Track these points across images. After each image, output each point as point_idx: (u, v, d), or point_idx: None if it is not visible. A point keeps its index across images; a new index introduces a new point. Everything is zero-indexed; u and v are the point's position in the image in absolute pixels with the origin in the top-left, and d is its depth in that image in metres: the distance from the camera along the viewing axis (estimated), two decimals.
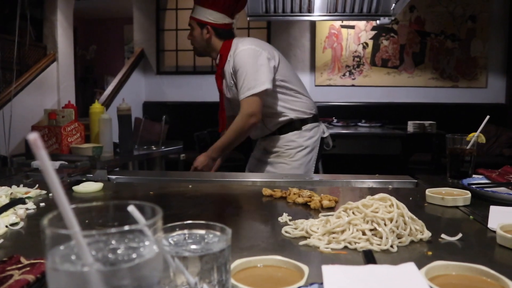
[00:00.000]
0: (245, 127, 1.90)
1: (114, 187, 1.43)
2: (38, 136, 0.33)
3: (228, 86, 2.01)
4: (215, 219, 1.06)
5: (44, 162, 0.34)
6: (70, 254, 0.35)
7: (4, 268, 0.57)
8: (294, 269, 0.64)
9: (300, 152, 2.02)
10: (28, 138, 0.33)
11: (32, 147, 0.33)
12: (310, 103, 2.11)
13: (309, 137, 2.04)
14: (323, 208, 1.11)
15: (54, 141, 2.05)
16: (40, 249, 0.84)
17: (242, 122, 1.89)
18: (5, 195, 1.10)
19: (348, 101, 5.01)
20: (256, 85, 1.87)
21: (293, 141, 2.01)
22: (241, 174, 1.61)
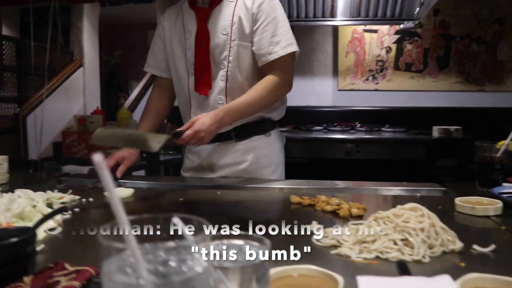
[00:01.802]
0: (278, 94, 1.53)
1: (144, 193, 1.45)
2: (102, 158, 0.35)
3: (227, 41, 1.52)
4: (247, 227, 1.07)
5: (107, 182, 0.36)
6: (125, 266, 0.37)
7: (51, 274, 0.60)
8: (328, 279, 0.65)
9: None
10: (94, 159, 0.35)
11: (97, 167, 0.35)
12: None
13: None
14: (352, 216, 1.11)
15: (84, 146, 2.11)
16: (78, 254, 0.87)
17: (276, 85, 1.49)
18: (42, 200, 1.13)
19: (372, 106, 4.97)
20: (294, 42, 1.54)
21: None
22: (267, 180, 1.61)
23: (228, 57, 1.53)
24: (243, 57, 1.54)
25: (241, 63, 1.54)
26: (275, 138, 1.68)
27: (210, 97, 1.56)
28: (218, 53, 1.54)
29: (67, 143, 2.24)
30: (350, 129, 4.41)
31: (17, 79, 4.74)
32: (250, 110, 1.49)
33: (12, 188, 1.50)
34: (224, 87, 1.55)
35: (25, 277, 0.59)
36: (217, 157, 1.63)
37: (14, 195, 1.10)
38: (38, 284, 0.58)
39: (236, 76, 1.55)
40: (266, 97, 1.49)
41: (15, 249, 0.60)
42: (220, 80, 1.55)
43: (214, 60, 1.55)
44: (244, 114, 1.50)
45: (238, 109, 1.45)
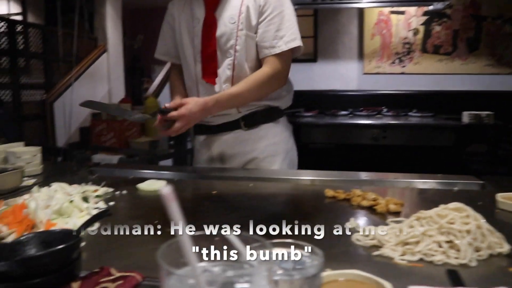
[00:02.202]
0: (269, 88, 1.53)
1: (177, 185, 1.45)
2: (171, 190, 0.34)
3: (234, 30, 1.53)
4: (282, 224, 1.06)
5: (176, 215, 0.35)
6: None
7: (97, 280, 0.60)
8: (376, 286, 0.64)
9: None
10: (162, 192, 0.34)
11: (165, 200, 0.34)
12: None
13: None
14: (390, 212, 1.09)
15: (112, 135, 2.13)
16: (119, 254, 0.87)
17: (269, 79, 1.50)
18: (78, 195, 1.14)
19: (398, 90, 4.87)
20: (298, 36, 1.53)
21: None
22: (296, 172, 1.59)
23: (235, 46, 1.54)
24: (250, 47, 1.55)
25: (248, 53, 1.55)
26: (283, 126, 1.69)
27: (216, 85, 1.58)
28: (224, 41, 1.54)
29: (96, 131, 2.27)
30: (376, 114, 4.34)
31: (43, 65, 4.79)
32: (239, 101, 1.52)
33: (45, 178, 1.53)
34: (231, 75, 1.57)
35: (73, 283, 0.59)
36: (227, 147, 1.65)
37: (51, 190, 1.12)
38: None
39: (243, 65, 1.56)
40: (256, 90, 1.51)
41: (62, 256, 0.60)
42: (227, 68, 1.57)
43: (221, 48, 1.56)
44: (232, 106, 1.53)
45: (226, 100, 1.48)
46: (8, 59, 4.35)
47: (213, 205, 1.22)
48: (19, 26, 4.56)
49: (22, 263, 0.58)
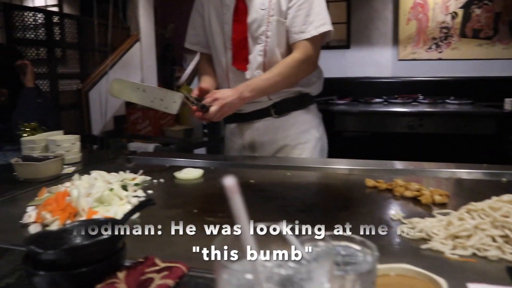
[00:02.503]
0: (301, 73, 1.53)
1: (214, 174, 1.44)
2: (235, 182, 0.32)
3: (265, 16, 1.51)
4: (324, 213, 1.04)
5: (238, 207, 0.33)
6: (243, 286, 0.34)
7: (143, 270, 0.59)
8: (430, 282, 0.60)
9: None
10: (225, 183, 0.32)
11: (228, 191, 0.32)
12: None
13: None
14: (435, 203, 1.05)
15: (148, 123, 2.14)
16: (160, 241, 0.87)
17: (300, 64, 1.50)
18: (117, 183, 1.15)
19: (435, 76, 4.72)
20: (328, 21, 1.52)
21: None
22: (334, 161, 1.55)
23: (266, 32, 1.53)
24: (280, 32, 1.54)
25: (279, 39, 1.55)
26: (314, 113, 1.68)
27: (247, 72, 1.57)
28: (255, 28, 1.54)
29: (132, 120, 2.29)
30: (412, 101, 4.22)
31: (79, 55, 4.88)
32: (271, 87, 1.50)
33: (84, 166, 1.56)
34: (262, 62, 1.56)
35: (119, 272, 0.59)
36: (258, 135, 1.65)
37: (92, 178, 1.13)
38: (132, 280, 0.57)
39: (274, 51, 1.55)
40: (288, 76, 1.50)
41: (109, 245, 0.60)
42: (258, 55, 1.56)
43: (252, 35, 1.55)
44: (265, 91, 1.51)
45: (257, 85, 1.48)
46: (45, 49, 4.45)
47: (252, 194, 1.20)
48: (56, 17, 4.64)
49: (70, 252, 0.58)
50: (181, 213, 1.06)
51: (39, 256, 0.58)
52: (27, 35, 4.24)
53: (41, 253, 0.57)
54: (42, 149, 1.62)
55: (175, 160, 1.62)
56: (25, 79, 2.33)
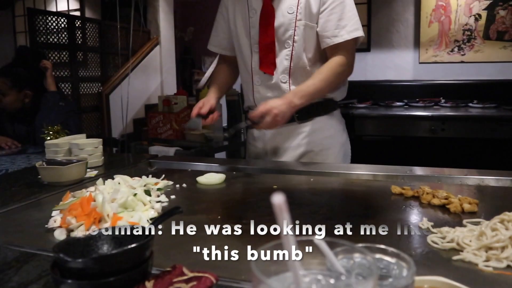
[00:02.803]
0: (341, 77, 1.53)
1: (235, 178, 1.44)
2: (284, 200, 0.31)
3: (292, 21, 1.50)
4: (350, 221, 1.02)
5: (286, 225, 0.32)
6: None
7: (171, 279, 0.59)
8: None
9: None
10: (274, 200, 0.31)
11: (277, 210, 0.31)
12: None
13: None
14: (464, 212, 1.02)
15: (169, 127, 2.15)
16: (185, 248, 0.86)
17: (342, 67, 1.49)
18: (140, 188, 1.15)
19: (457, 79, 4.63)
20: (360, 27, 1.51)
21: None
22: (357, 166, 1.53)
23: (293, 37, 1.52)
24: (308, 37, 1.53)
25: (307, 43, 1.53)
26: (337, 119, 1.67)
27: (273, 76, 1.57)
28: (282, 32, 1.53)
29: (153, 124, 2.31)
30: (434, 105, 4.15)
31: (100, 59, 4.94)
32: (318, 93, 1.49)
33: (106, 170, 1.57)
34: (288, 66, 1.56)
35: (147, 282, 0.58)
36: (280, 140, 1.64)
37: (115, 183, 1.13)
38: None
39: (301, 56, 1.54)
40: (332, 81, 1.49)
41: (137, 254, 0.59)
42: (285, 59, 1.55)
43: (279, 39, 1.54)
44: (312, 97, 1.48)
45: (306, 91, 1.45)
46: (67, 53, 4.52)
47: None
48: (78, 21, 4.71)
49: (99, 261, 0.58)
50: (205, 219, 1.06)
51: (67, 264, 0.58)
52: (50, 39, 4.31)
53: (69, 261, 0.57)
54: (65, 152, 1.64)
55: (196, 165, 1.62)
56: (47, 83, 2.37)
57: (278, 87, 1.56)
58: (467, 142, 3.54)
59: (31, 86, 2.41)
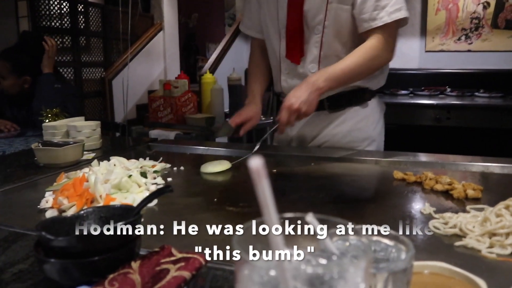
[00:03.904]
0: (376, 62, 1.35)
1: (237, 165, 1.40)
2: (262, 164, 0.28)
3: (323, 4, 1.36)
4: (350, 205, 0.99)
5: (265, 194, 0.29)
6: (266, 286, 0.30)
7: (158, 260, 0.56)
8: (467, 283, 0.55)
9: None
10: (251, 165, 0.28)
11: (254, 176, 0.28)
12: None
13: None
14: (468, 198, 0.99)
15: (169, 111, 2.12)
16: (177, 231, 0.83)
17: (378, 51, 1.32)
18: (136, 169, 1.12)
19: (463, 68, 4.57)
20: (403, 6, 1.33)
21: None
22: (359, 152, 1.49)
23: (323, 22, 1.38)
24: (341, 21, 1.37)
25: (339, 28, 1.38)
26: (373, 109, 1.52)
27: (301, 65, 1.45)
28: (311, 16, 1.39)
29: (153, 108, 2.28)
30: (439, 93, 4.09)
31: (102, 44, 4.91)
32: (347, 77, 1.33)
33: (104, 153, 1.54)
34: (318, 54, 1.42)
35: (133, 262, 0.55)
36: (308, 129, 1.53)
37: (110, 164, 1.10)
38: (147, 271, 0.54)
39: (332, 42, 1.40)
40: (365, 65, 1.33)
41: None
42: (314, 46, 1.42)
43: (307, 24, 1.40)
44: (340, 81, 1.33)
45: (333, 74, 1.30)
46: (70, 38, 4.48)
47: (273, 185, 1.16)
48: (80, 6, 4.67)
49: (82, 239, 0.55)
50: (201, 201, 1.03)
51: (50, 243, 0.55)
52: (53, 23, 4.27)
53: (52, 240, 0.55)
54: (63, 134, 1.61)
55: (195, 148, 1.59)
56: (42, 65, 2.32)
57: (306, 77, 1.39)
58: (472, 132, 3.50)
59: (31, 72, 2.38)
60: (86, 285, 0.54)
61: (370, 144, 1.51)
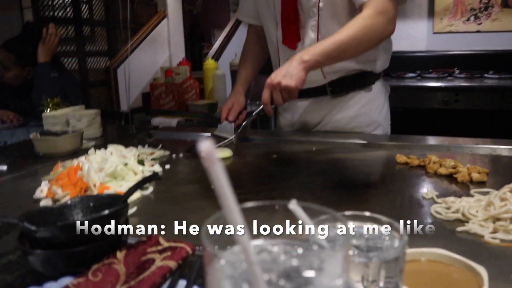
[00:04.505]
0: (374, 33, 1.22)
1: (240, 150, 1.37)
2: (213, 148, 0.25)
3: None
4: (350, 191, 0.97)
5: (220, 180, 0.27)
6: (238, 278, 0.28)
7: (145, 250, 0.54)
8: (467, 271, 0.53)
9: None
10: (200, 148, 0.25)
11: (206, 161, 0.25)
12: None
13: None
14: (472, 182, 0.95)
15: (171, 98, 2.10)
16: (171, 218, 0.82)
17: (375, 22, 1.20)
18: (133, 157, 1.10)
19: (472, 50, 4.47)
20: None
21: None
22: (362, 135, 1.45)
23: (318, 4, 1.32)
24: (336, 1, 1.31)
25: (335, 9, 1.32)
26: (377, 92, 1.47)
27: (298, 50, 1.39)
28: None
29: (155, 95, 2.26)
30: (447, 76, 4.01)
31: (106, 33, 4.88)
32: (339, 50, 1.19)
33: (105, 141, 1.52)
34: (316, 38, 1.36)
35: (119, 252, 0.54)
36: (311, 115, 1.49)
37: (106, 153, 1.09)
38: (132, 261, 0.52)
39: (329, 24, 1.34)
40: (360, 36, 1.19)
41: (108, 222, 0.54)
42: (311, 30, 1.37)
43: (302, 7, 1.35)
44: (331, 55, 1.19)
45: (321, 48, 1.17)
46: (73, 28, 4.45)
47: (272, 170, 1.14)
48: None
49: (65, 229, 0.54)
50: (198, 188, 1.01)
51: (32, 234, 0.54)
52: (55, 14, 4.24)
53: (34, 231, 0.53)
54: (63, 124, 1.60)
55: (197, 135, 1.57)
56: (38, 53, 2.29)
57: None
58: (480, 114, 3.43)
59: (34, 63, 2.36)
60: (71, 275, 0.52)
61: (375, 129, 1.47)
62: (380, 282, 0.42)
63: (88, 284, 0.49)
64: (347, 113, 1.45)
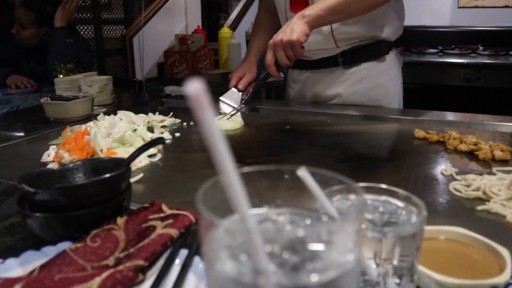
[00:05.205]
0: None
1: (251, 120, 1.34)
2: (202, 89, 0.21)
3: None
4: (365, 164, 0.93)
5: (211, 129, 0.23)
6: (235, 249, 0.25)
7: (146, 216, 0.52)
8: (488, 252, 0.49)
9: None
10: (188, 90, 0.21)
11: (194, 103, 0.22)
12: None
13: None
14: (495, 160, 0.91)
15: (185, 66, 2.06)
16: (178, 186, 0.80)
17: None
18: (142, 123, 1.08)
19: (499, 26, 4.30)
20: None
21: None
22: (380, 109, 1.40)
23: None
24: None
25: None
26: (391, 63, 1.41)
27: None
28: None
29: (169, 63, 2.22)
30: (471, 52, 3.88)
31: (123, 1, 4.82)
32: (342, 5, 1.13)
33: (116, 108, 1.50)
34: None
35: (119, 218, 0.51)
36: (322, 86, 1.43)
37: (115, 118, 1.06)
38: (132, 227, 0.50)
39: None
40: None
41: (108, 186, 0.52)
42: None
43: None
44: (333, 9, 1.13)
45: (324, 2, 1.13)
46: None
47: (284, 141, 1.10)
48: None
49: (64, 192, 0.51)
50: (206, 157, 0.98)
51: (31, 196, 0.51)
52: None
53: (33, 192, 0.51)
54: (75, 89, 1.58)
55: None
56: (55, 16, 2.26)
57: (318, 30, 1.26)
58: (503, 93, 3.32)
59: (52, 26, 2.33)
60: (69, 240, 0.50)
61: (391, 102, 1.42)
62: (394, 260, 0.39)
63: (86, 249, 0.47)
64: (362, 85, 1.39)
